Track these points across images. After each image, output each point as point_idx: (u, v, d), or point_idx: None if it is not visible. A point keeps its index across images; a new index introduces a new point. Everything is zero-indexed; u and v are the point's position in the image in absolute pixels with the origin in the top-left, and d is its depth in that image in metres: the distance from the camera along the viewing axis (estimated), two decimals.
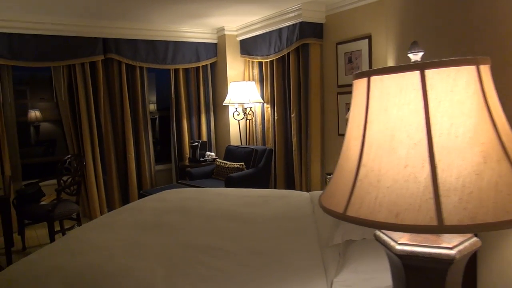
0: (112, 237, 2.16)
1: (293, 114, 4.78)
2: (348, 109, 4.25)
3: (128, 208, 2.80)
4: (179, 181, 4.87)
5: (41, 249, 2.14)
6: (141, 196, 4.36)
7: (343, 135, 3.68)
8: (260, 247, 1.98)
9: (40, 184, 4.22)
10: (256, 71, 5.46)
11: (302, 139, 4.68)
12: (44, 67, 4.72)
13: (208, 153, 5.34)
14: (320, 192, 3.06)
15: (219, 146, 5.83)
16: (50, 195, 4.07)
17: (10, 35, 4.35)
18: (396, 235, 0.76)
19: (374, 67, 3.94)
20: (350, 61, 4.27)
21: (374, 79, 0.69)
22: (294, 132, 4.80)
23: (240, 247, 2.00)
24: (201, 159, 5.22)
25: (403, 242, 0.73)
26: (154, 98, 6.66)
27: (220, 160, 4.99)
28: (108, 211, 5.01)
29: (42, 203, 3.91)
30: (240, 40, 5.58)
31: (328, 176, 3.69)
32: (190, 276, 1.70)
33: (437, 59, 0.67)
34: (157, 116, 6.29)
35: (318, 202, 0.80)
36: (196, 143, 5.26)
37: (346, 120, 0.77)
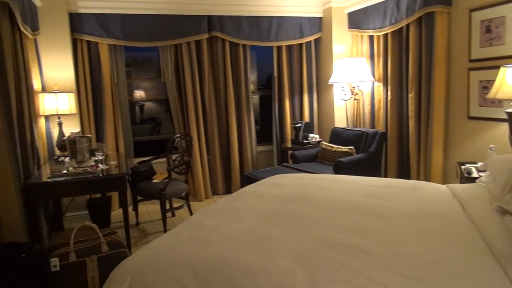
0: (237, 227, 1.99)
1: (411, 94, 4.26)
2: (483, 87, 3.63)
3: (245, 193, 2.64)
4: (283, 164, 4.67)
5: (165, 235, 2.06)
6: (246, 177, 4.25)
7: (474, 118, 3.06)
8: (410, 251, 1.66)
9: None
10: (365, 46, 4.97)
11: (422, 122, 4.15)
12: (152, 47, 4.80)
13: (311, 135, 5.06)
14: (461, 185, 2.61)
15: (322, 127, 5.51)
16: (160, 173, 4.14)
17: (122, 16, 4.46)
18: None
19: None
20: (488, 30, 3.61)
21: None
22: (411, 114, 4.28)
23: (384, 248, 1.70)
24: (305, 141, 4.95)
25: None
26: (253, 77, 6.53)
27: (326, 143, 4.67)
28: (212, 191, 5.04)
29: (154, 181, 3.99)
30: (349, 13, 5.12)
31: (463, 167, 3.16)
32: (336, 282, 1.45)
33: None
34: (258, 95, 6.15)
35: None
36: (300, 124, 4.99)
37: None
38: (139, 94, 8.11)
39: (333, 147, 4.52)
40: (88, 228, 2.94)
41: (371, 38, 4.87)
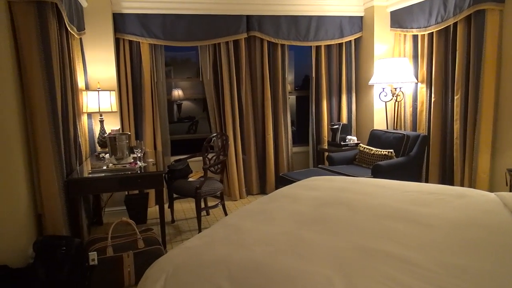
0: (272, 230, 1.95)
1: (457, 96, 4.06)
2: None
3: (281, 195, 2.60)
4: (319, 166, 4.58)
5: (199, 234, 2.05)
6: (281, 178, 4.21)
7: None
8: (457, 264, 1.56)
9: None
10: (408, 46, 4.79)
11: (468, 125, 3.94)
12: (191, 47, 4.85)
13: (349, 137, 4.93)
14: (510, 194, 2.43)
15: (360, 129, 5.37)
16: (196, 172, 4.17)
17: (163, 16, 4.53)
18: None
19: None
20: None
21: None
22: (457, 117, 4.08)
23: (429, 259, 1.60)
24: (342, 143, 4.84)
25: None
26: (290, 77, 6.47)
27: (364, 146, 4.54)
28: (246, 191, 5.03)
29: (190, 179, 4.02)
30: (391, 12, 4.95)
31: None
32: None
33: None
34: (294, 96, 6.08)
35: None
36: (337, 126, 4.89)
37: None
38: (177, 93, 8.23)
39: (372, 149, 4.38)
40: (125, 223, 3.00)
41: (414, 37, 4.69)
